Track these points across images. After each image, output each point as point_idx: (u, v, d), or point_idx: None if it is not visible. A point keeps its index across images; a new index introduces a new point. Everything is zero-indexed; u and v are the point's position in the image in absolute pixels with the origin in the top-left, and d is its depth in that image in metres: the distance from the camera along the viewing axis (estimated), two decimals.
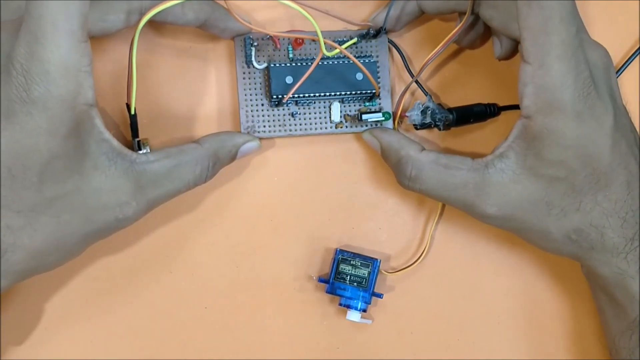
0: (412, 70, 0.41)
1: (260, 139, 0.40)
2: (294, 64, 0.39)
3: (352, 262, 0.40)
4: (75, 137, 0.32)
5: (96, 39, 0.36)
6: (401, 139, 0.38)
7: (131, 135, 0.37)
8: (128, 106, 0.37)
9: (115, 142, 0.33)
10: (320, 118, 0.40)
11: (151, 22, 0.38)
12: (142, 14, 0.35)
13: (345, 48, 0.38)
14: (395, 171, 0.38)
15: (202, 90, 0.40)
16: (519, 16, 0.32)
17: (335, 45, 0.36)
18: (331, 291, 0.40)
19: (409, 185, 0.37)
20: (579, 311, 0.42)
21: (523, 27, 0.32)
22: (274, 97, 0.39)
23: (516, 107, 0.40)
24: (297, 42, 0.39)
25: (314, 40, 0.39)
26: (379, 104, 0.41)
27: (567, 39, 0.32)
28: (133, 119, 0.37)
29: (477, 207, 0.36)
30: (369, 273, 0.40)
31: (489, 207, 0.36)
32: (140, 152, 0.37)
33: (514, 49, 0.38)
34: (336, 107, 0.40)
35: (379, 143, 0.39)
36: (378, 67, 0.40)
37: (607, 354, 0.41)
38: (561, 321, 0.42)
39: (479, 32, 0.39)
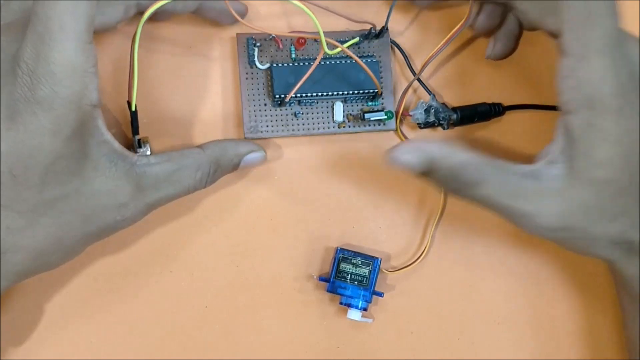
0: (414, 69, 0.41)
1: (263, 138, 0.40)
2: (296, 64, 0.39)
3: (352, 261, 0.40)
4: (78, 139, 0.32)
5: (95, 35, 0.35)
6: (447, 145, 0.35)
7: (132, 132, 0.37)
8: (129, 103, 0.36)
9: (116, 144, 0.33)
10: (322, 118, 0.40)
11: (151, 20, 0.38)
12: (139, 6, 0.35)
13: (347, 47, 0.38)
14: (446, 180, 0.35)
15: (204, 90, 0.40)
16: (562, 8, 0.32)
17: (337, 43, 0.36)
18: (332, 290, 0.39)
19: (466, 193, 0.34)
20: (579, 311, 0.42)
21: (565, 20, 0.32)
22: (277, 96, 0.39)
23: (520, 107, 0.40)
24: (300, 42, 0.39)
25: (316, 40, 0.39)
26: (382, 103, 0.41)
27: (610, 32, 0.31)
28: (133, 116, 0.37)
29: (533, 218, 0.34)
30: (370, 272, 0.39)
31: (545, 218, 0.34)
32: (141, 149, 0.37)
33: (508, 51, 0.38)
34: (339, 106, 0.40)
35: (426, 157, 0.34)
36: (381, 67, 0.40)
37: (607, 354, 0.41)
38: (561, 321, 0.42)
39: (495, 22, 0.39)
